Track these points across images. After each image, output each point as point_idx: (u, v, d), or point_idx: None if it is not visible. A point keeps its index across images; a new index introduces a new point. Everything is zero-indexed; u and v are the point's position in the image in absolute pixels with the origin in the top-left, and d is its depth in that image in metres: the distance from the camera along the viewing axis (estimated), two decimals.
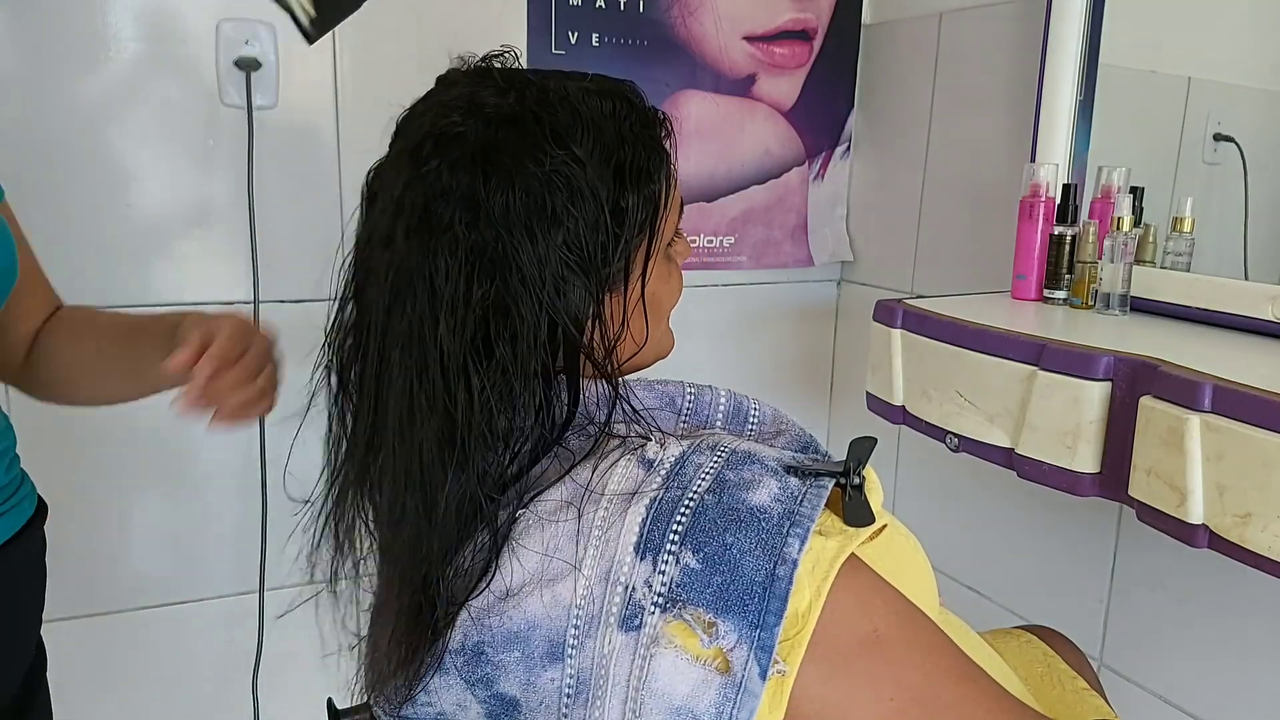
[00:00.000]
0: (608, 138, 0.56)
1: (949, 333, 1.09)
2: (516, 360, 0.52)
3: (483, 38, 1.47)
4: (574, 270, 0.54)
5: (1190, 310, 1.11)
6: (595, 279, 0.55)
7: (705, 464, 0.52)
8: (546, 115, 0.54)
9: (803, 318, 1.82)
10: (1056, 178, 1.23)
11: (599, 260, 0.55)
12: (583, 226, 0.54)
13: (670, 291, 0.63)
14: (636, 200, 0.56)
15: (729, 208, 1.66)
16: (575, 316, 0.54)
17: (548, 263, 0.52)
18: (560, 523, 0.51)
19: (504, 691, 0.51)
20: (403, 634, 0.56)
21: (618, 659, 0.48)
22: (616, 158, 0.56)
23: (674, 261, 0.64)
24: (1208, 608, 1.19)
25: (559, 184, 0.53)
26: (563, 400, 0.55)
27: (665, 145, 0.60)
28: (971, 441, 1.06)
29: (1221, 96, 1.24)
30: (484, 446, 0.53)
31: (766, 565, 0.48)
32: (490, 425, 0.53)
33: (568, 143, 0.54)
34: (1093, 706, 0.83)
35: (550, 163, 0.53)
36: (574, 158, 0.54)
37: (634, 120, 0.58)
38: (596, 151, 0.55)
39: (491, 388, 0.52)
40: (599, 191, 0.54)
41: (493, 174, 0.52)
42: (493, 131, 0.53)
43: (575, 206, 0.53)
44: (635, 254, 0.58)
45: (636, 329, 0.59)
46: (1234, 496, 0.79)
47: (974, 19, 1.49)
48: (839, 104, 1.71)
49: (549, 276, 0.53)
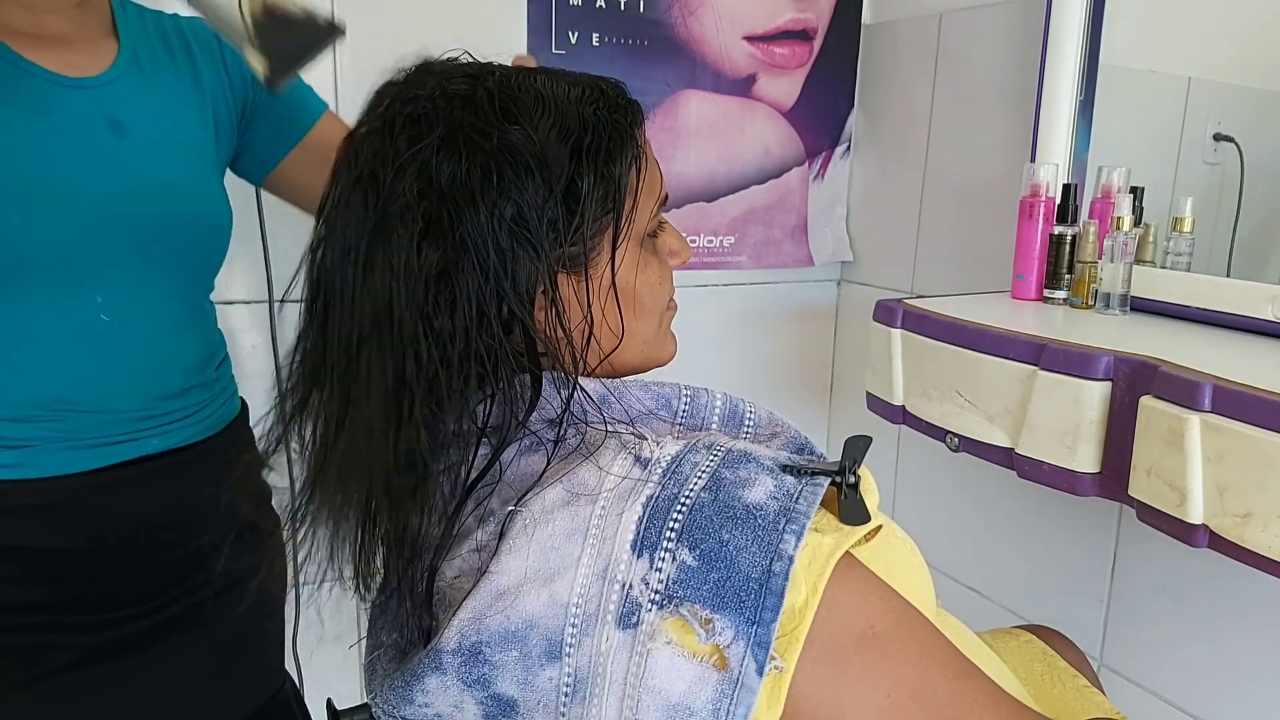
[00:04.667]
0: (569, 119, 0.56)
1: (949, 333, 1.09)
2: (456, 332, 0.53)
3: (483, 38, 1.47)
4: (521, 245, 0.54)
5: (1190, 310, 1.11)
6: (544, 256, 0.55)
7: (701, 462, 0.52)
8: (508, 96, 0.55)
9: (803, 318, 1.82)
10: (1056, 178, 1.23)
11: (549, 237, 0.55)
12: (531, 200, 0.54)
13: (650, 285, 0.61)
14: (593, 180, 0.56)
15: (729, 208, 1.66)
16: (521, 292, 0.54)
17: (494, 234, 0.53)
18: (557, 521, 0.51)
19: (501, 692, 0.50)
20: (400, 634, 0.56)
21: (615, 657, 0.48)
22: (575, 137, 0.56)
23: (658, 256, 0.63)
24: (1208, 608, 1.19)
25: (508, 157, 0.53)
26: (525, 384, 0.55)
27: (635, 132, 0.59)
28: (971, 441, 1.06)
29: (1221, 96, 1.24)
30: (431, 420, 0.53)
31: (763, 561, 0.48)
32: (435, 396, 0.53)
33: (522, 120, 0.55)
34: (1094, 704, 0.83)
35: (500, 137, 0.54)
36: (527, 135, 0.54)
37: (600, 105, 0.58)
38: (555, 130, 0.55)
39: (440, 360, 0.52)
40: (552, 168, 0.55)
41: (443, 147, 0.53)
42: (452, 110, 0.54)
43: (523, 180, 0.54)
44: (599, 238, 0.57)
45: (611, 320, 0.59)
46: (1234, 496, 0.79)
47: (974, 19, 1.49)
48: (839, 104, 1.71)
49: (493, 249, 0.53)
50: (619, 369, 0.62)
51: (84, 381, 0.82)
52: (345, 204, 0.55)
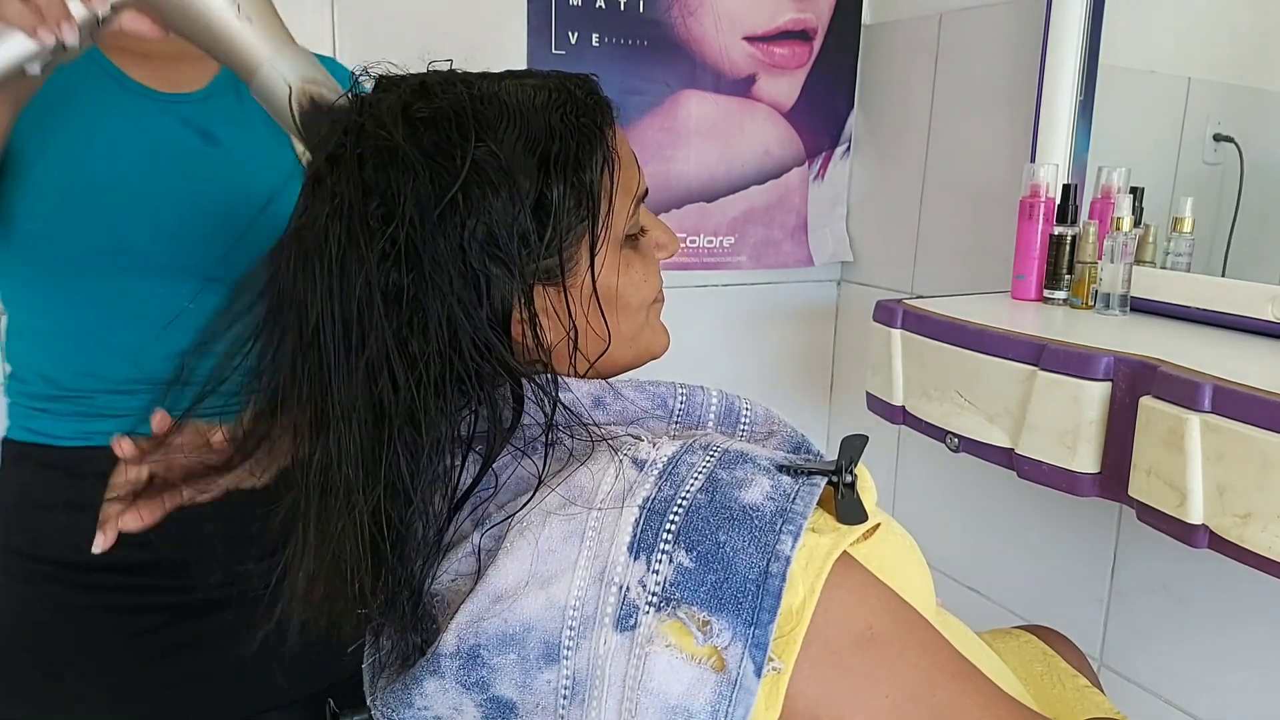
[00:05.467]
0: (534, 129, 0.55)
1: (949, 333, 1.09)
2: (428, 355, 0.52)
3: (483, 38, 1.48)
4: (495, 263, 0.53)
5: (1190, 310, 1.11)
6: (519, 273, 0.54)
7: (698, 464, 0.51)
8: (469, 112, 0.54)
9: (803, 318, 1.82)
10: (1056, 178, 1.23)
11: (520, 253, 0.54)
12: (500, 218, 0.53)
13: (634, 285, 0.61)
14: (564, 189, 0.55)
15: (729, 208, 1.66)
16: (497, 311, 0.54)
17: (465, 255, 0.52)
18: (554, 524, 0.51)
19: (500, 694, 0.50)
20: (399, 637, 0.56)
21: (613, 659, 0.48)
22: (543, 147, 0.55)
23: (640, 254, 0.62)
24: (1208, 608, 1.19)
25: (474, 176, 0.53)
26: (506, 398, 0.55)
27: (605, 133, 0.58)
28: (971, 441, 1.06)
29: (1221, 96, 1.24)
30: (413, 440, 0.52)
31: (760, 562, 0.48)
32: (413, 422, 0.52)
33: (485, 137, 0.54)
34: (1094, 704, 0.83)
35: (462, 157, 0.53)
36: (490, 151, 0.53)
37: (568, 109, 0.57)
38: (520, 144, 0.54)
39: (415, 385, 0.52)
40: (520, 182, 0.54)
41: (406, 170, 0.52)
42: (415, 133, 0.53)
43: (490, 199, 0.53)
44: (575, 246, 0.57)
45: (596, 325, 0.58)
46: (1234, 496, 0.79)
47: (974, 19, 1.49)
48: (839, 104, 1.71)
49: (464, 269, 0.52)
50: (613, 369, 0.62)
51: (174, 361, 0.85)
52: (310, 231, 0.54)
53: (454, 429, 0.54)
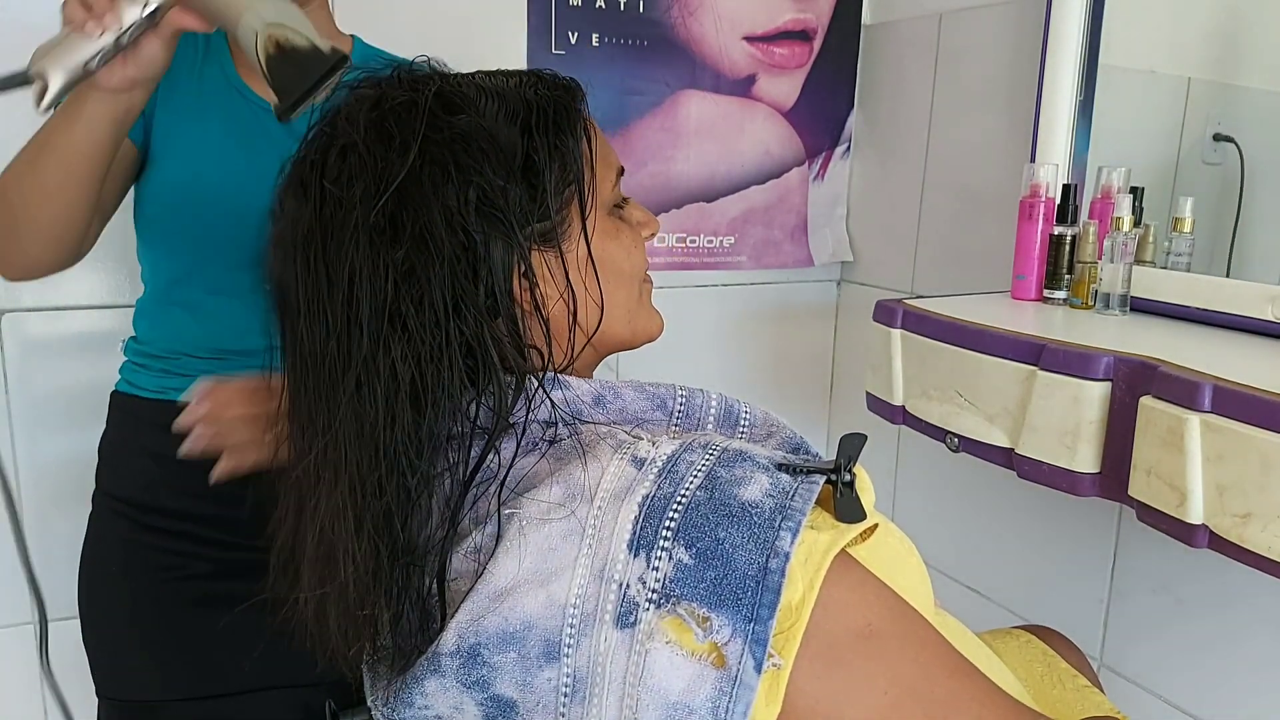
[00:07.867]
0: (512, 102, 0.57)
1: (949, 333, 1.09)
2: (425, 326, 0.52)
3: (483, 38, 1.48)
4: (494, 225, 0.54)
5: (1190, 310, 1.11)
6: (516, 234, 0.55)
7: (697, 461, 0.52)
8: (448, 94, 0.56)
9: (803, 318, 1.82)
10: (1056, 178, 1.23)
11: (517, 215, 0.55)
12: (492, 181, 0.54)
13: (626, 249, 0.62)
14: (548, 154, 0.57)
15: (729, 208, 1.66)
16: (499, 273, 0.55)
17: (463, 220, 0.53)
18: (553, 522, 0.51)
19: (501, 693, 0.50)
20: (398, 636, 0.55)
21: (613, 656, 0.48)
22: (523, 117, 0.57)
23: (627, 223, 0.64)
24: (1208, 608, 1.19)
25: (461, 144, 0.54)
26: (508, 383, 0.55)
27: (579, 107, 0.61)
28: (971, 441, 1.06)
29: (1221, 96, 1.24)
30: (419, 422, 0.53)
31: (759, 559, 0.48)
32: (411, 396, 0.53)
33: (467, 109, 0.56)
34: (1094, 704, 0.83)
35: (450, 129, 0.54)
36: (475, 122, 0.55)
37: (540, 86, 0.59)
38: (501, 114, 0.56)
39: (413, 358, 0.52)
40: (505, 148, 0.55)
41: (393, 148, 0.54)
42: (398, 117, 0.55)
43: (480, 163, 0.54)
44: (566, 210, 0.58)
45: (592, 290, 0.60)
46: (1234, 496, 0.79)
47: (974, 19, 1.49)
48: (839, 104, 1.71)
49: (463, 236, 0.53)
50: (608, 345, 0.63)
51: (250, 335, 0.90)
52: (299, 219, 0.55)
53: (457, 411, 0.54)
